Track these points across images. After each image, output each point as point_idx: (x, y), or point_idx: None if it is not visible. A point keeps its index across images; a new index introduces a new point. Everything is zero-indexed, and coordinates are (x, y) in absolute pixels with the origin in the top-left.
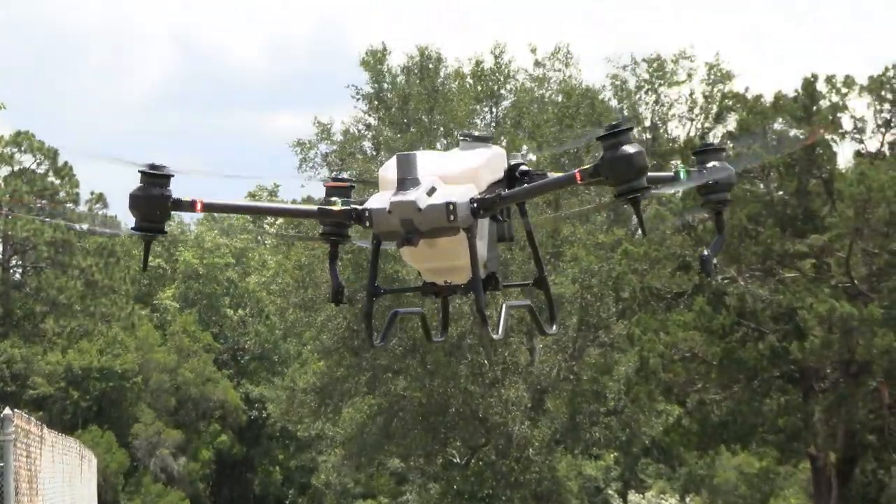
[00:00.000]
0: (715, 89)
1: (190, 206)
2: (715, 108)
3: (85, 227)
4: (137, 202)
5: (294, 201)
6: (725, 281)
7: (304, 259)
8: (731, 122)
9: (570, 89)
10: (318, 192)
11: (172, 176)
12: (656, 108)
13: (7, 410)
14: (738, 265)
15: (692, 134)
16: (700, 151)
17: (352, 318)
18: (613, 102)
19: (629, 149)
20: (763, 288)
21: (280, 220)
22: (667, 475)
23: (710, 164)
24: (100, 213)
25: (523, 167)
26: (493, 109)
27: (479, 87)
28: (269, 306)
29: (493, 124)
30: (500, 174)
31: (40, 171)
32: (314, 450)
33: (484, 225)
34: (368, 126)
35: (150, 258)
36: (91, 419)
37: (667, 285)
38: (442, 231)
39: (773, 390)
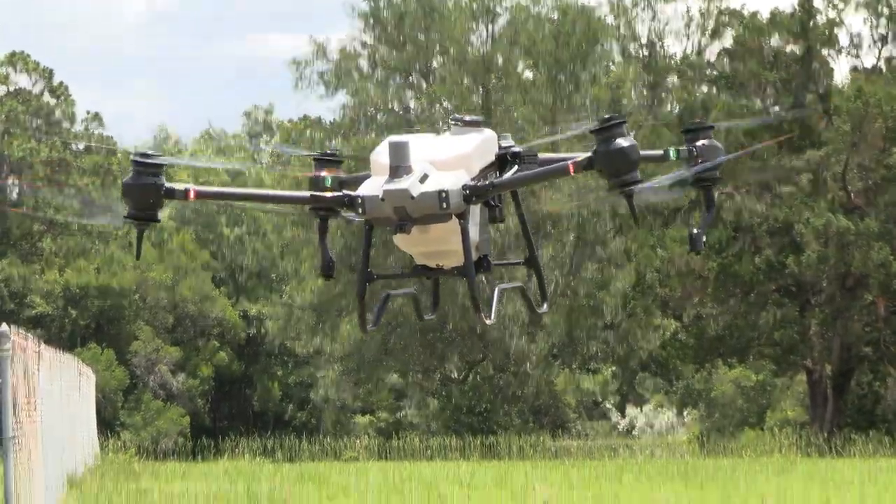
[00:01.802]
0: (712, 5)
1: (183, 194)
2: (711, 25)
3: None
4: (130, 191)
5: (290, 121)
6: (722, 196)
7: (300, 177)
8: (728, 39)
9: (566, 7)
10: (313, 110)
11: (165, 165)
12: (652, 24)
13: (3, 326)
14: (735, 180)
15: (689, 51)
16: (689, 130)
17: (349, 236)
18: (609, 19)
19: (623, 142)
20: (760, 203)
21: (276, 138)
22: (664, 389)
23: (699, 143)
24: (95, 132)
25: (514, 149)
26: (489, 27)
27: (475, 5)
28: (266, 224)
29: (490, 41)
30: (492, 157)
31: (36, 90)
32: (312, 366)
33: (476, 209)
34: (364, 44)
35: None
36: (89, 337)
37: (663, 201)
38: (434, 218)
39: (770, 304)
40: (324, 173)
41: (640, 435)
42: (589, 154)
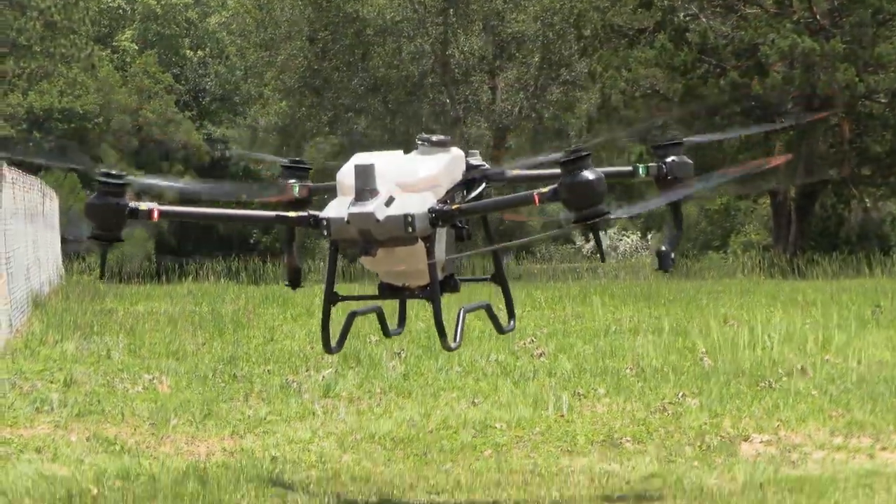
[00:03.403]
0: None
1: (147, 214)
2: None
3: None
4: (93, 211)
5: None
6: (687, 18)
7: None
8: None
9: None
10: None
11: (129, 184)
12: None
13: None
14: (700, 1)
15: None
16: (659, 146)
17: (312, 58)
18: None
19: (588, 175)
20: (725, 24)
21: None
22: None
23: (668, 159)
24: None
25: (482, 167)
26: None
27: None
28: (229, 47)
29: None
30: (459, 176)
31: None
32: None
33: (442, 230)
34: None
35: None
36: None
37: (628, 22)
38: (400, 241)
39: (735, 126)
40: (291, 181)
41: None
42: (554, 185)
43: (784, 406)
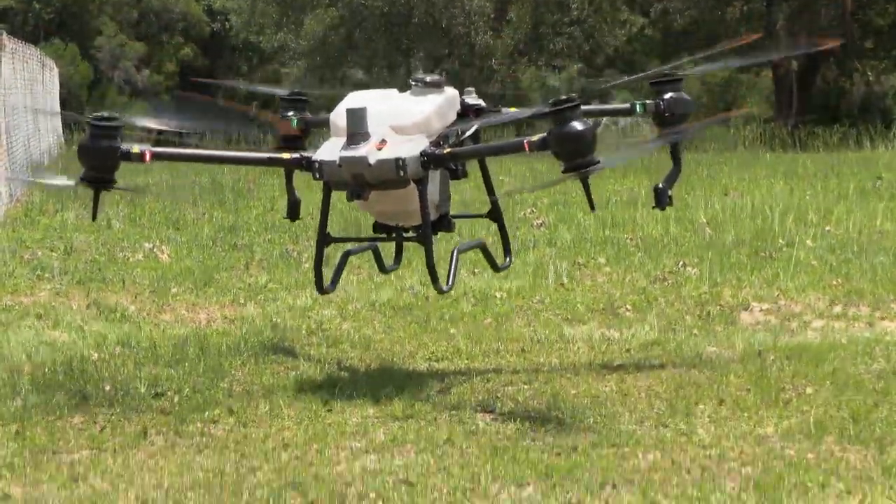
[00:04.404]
0: None
1: (139, 156)
2: None
3: None
4: (86, 153)
5: None
6: None
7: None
8: None
9: None
10: None
11: (122, 126)
12: None
13: None
14: None
15: None
16: (657, 82)
17: None
18: None
19: (578, 125)
20: None
21: None
22: (630, 86)
23: (667, 96)
24: None
25: (477, 106)
26: None
27: None
28: None
29: None
30: (454, 116)
31: None
32: (277, 62)
33: (435, 171)
34: None
35: None
36: (53, 31)
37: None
38: (392, 184)
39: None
40: (290, 114)
41: (604, 131)
42: (544, 134)
43: (784, 275)
